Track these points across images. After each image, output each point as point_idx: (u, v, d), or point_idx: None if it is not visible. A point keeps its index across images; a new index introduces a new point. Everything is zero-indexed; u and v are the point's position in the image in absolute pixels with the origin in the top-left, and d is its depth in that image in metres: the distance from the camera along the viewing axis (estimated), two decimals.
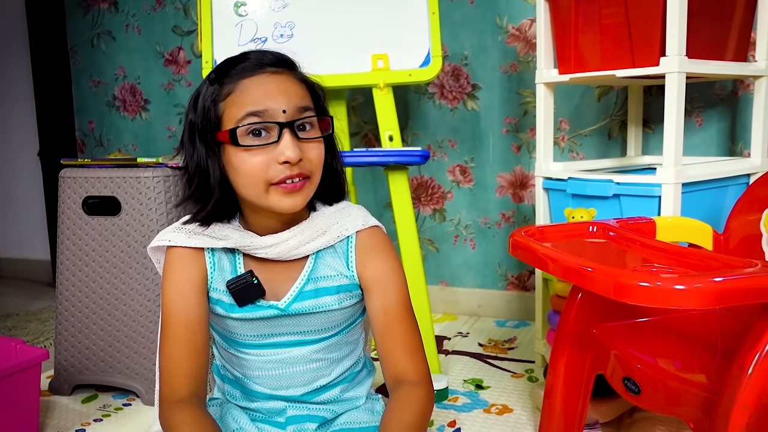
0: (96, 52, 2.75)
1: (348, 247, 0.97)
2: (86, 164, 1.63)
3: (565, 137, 2.07)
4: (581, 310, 1.21)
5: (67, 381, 1.65)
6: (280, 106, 0.85)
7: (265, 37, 1.74)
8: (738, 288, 0.85)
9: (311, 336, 0.96)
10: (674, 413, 1.00)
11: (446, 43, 2.12)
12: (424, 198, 2.27)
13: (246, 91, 0.87)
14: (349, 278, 0.96)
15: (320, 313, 0.95)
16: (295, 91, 0.88)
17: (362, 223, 0.98)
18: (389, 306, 0.95)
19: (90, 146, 2.84)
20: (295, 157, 0.84)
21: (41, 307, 2.56)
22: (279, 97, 0.86)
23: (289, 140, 0.85)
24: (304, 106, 0.88)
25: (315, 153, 0.88)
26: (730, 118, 1.86)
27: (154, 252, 0.99)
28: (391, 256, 0.98)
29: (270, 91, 0.86)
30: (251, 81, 0.87)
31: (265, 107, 0.85)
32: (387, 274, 0.96)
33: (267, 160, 0.85)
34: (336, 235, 0.95)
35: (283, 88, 0.87)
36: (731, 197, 1.49)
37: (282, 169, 0.85)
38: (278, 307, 0.93)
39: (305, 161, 0.87)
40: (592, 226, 1.24)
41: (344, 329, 0.99)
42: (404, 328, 0.95)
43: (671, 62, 1.33)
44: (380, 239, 0.98)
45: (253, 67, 0.88)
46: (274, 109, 0.85)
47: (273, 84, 0.87)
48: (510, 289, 2.21)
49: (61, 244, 1.63)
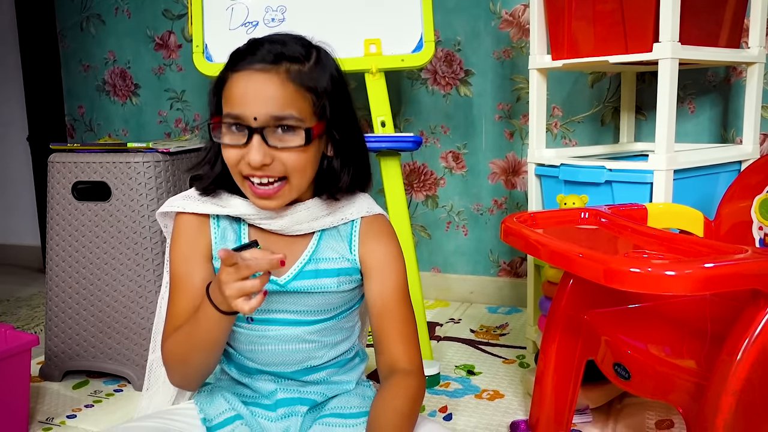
0: (85, 36, 2.72)
1: (352, 231, 0.98)
2: (76, 149, 1.62)
3: (557, 124, 2.06)
4: (572, 296, 1.21)
5: (58, 367, 1.64)
6: (251, 112, 0.85)
7: (256, 21, 1.73)
8: (728, 274, 0.85)
9: (307, 317, 0.96)
10: (664, 398, 1.01)
11: (439, 28, 2.11)
12: (417, 184, 2.27)
13: (231, 87, 0.87)
14: (350, 262, 0.97)
15: (318, 294, 0.95)
16: (275, 95, 0.85)
17: (367, 209, 0.99)
18: (387, 292, 0.96)
19: (80, 131, 2.82)
20: (256, 163, 0.85)
21: (31, 293, 2.55)
22: (252, 103, 0.85)
23: (256, 145, 0.85)
24: (280, 115, 0.85)
25: (290, 158, 0.87)
26: (722, 105, 1.86)
27: (162, 217, 1.01)
28: (393, 244, 0.99)
29: (246, 94, 0.85)
30: (236, 77, 0.87)
31: (239, 111, 0.86)
32: (388, 260, 0.97)
33: (240, 155, 0.87)
34: (340, 218, 0.97)
35: (261, 93, 0.85)
36: (723, 184, 1.50)
37: (249, 168, 0.87)
38: (278, 283, 0.94)
39: (277, 164, 0.87)
40: (584, 213, 1.24)
41: (340, 314, 0.99)
42: (400, 315, 0.96)
43: (664, 48, 1.33)
44: (384, 226, 1.00)
45: (247, 62, 0.87)
46: (246, 113, 0.85)
47: (252, 86, 0.85)
48: (502, 275, 2.22)
49: (51, 229, 1.62)
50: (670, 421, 1.33)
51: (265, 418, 0.97)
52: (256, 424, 0.96)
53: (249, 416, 0.96)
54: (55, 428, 1.42)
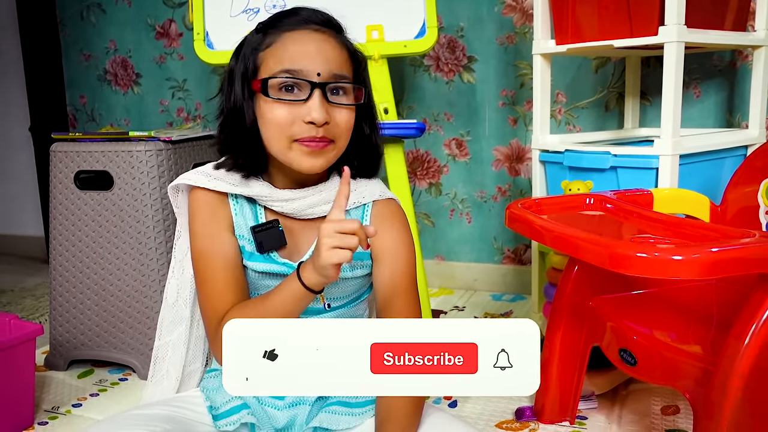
0: (86, 25, 2.70)
1: (363, 215, 0.97)
2: (78, 138, 1.61)
3: (561, 110, 2.05)
4: (577, 282, 1.21)
5: (63, 356, 1.64)
6: (315, 67, 0.85)
7: (257, 8, 1.71)
8: (735, 258, 0.85)
9: (319, 304, 0.96)
10: (670, 384, 1.01)
11: (441, 14, 2.09)
12: (420, 172, 2.26)
13: (286, 45, 0.87)
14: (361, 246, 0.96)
15: None
16: (334, 55, 0.87)
17: (380, 193, 0.98)
18: (395, 277, 0.95)
19: (82, 121, 2.81)
20: (320, 119, 0.84)
21: (36, 283, 2.55)
22: (317, 58, 0.86)
23: (318, 101, 0.84)
24: (340, 73, 0.87)
25: (343, 119, 0.88)
26: (728, 89, 1.84)
27: (174, 192, 0.99)
28: (404, 230, 0.98)
29: (308, 50, 0.86)
30: (293, 36, 0.87)
31: (300, 66, 0.85)
32: (398, 246, 0.96)
33: (293, 116, 0.85)
34: (353, 201, 0.95)
35: (322, 50, 0.86)
36: (729, 169, 1.49)
37: (307, 128, 0.85)
38: (292, 266, 0.93)
39: (332, 125, 0.87)
40: (589, 198, 1.24)
41: (352, 301, 0.99)
42: (407, 301, 0.95)
43: (670, 31, 1.31)
44: (395, 211, 0.99)
45: (299, 22, 0.88)
46: (309, 69, 0.85)
47: (313, 43, 0.86)
48: (506, 262, 2.21)
49: (54, 219, 1.61)
50: (675, 407, 1.33)
51: (272, 406, 0.97)
52: (263, 413, 0.96)
53: (256, 405, 0.96)
54: (60, 417, 1.42)
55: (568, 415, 1.27)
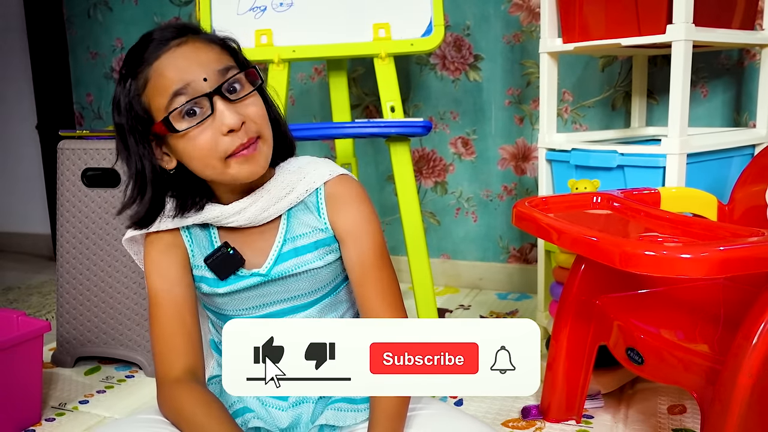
0: (93, 23, 2.71)
1: (318, 199, 0.93)
2: (85, 136, 1.62)
3: (568, 108, 2.05)
4: (584, 281, 1.20)
5: (70, 353, 1.65)
6: (198, 75, 0.81)
7: (264, 6, 1.71)
8: (744, 257, 0.85)
9: (302, 300, 0.94)
10: (678, 383, 1.00)
11: (448, 12, 2.09)
12: (426, 170, 2.26)
13: (160, 73, 0.82)
14: (324, 231, 0.93)
15: (304, 274, 0.92)
16: (207, 55, 0.83)
17: (329, 173, 0.93)
18: (364, 256, 0.91)
19: (88, 119, 2.82)
20: (235, 124, 0.81)
21: (42, 281, 2.56)
22: (193, 67, 0.81)
23: (224, 108, 0.81)
24: (223, 67, 0.82)
25: (255, 110, 0.84)
26: (735, 88, 1.84)
27: (130, 245, 0.96)
28: (362, 204, 0.93)
29: (182, 64, 0.81)
30: (161, 62, 0.82)
31: (185, 83, 0.80)
32: (358, 223, 0.92)
33: (212, 136, 0.82)
34: (304, 190, 0.92)
35: (194, 57, 0.82)
36: (736, 168, 1.48)
37: (230, 140, 0.82)
38: (260, 274, 0.91)
39: (248, 123, 0.83)
40: (597, 197, 1.23)
41: (334, 289, 0.97)
42: (382, 278, 0.91)
43: (678, 30, 1.31)
44: (349, 187, 0.94)
45: (157, 47, 0.83)
46: (194, 80, 0.81)
47: (182, 56, 0.82)
48: (511, 261, 2.21)
49: (61, 216, 1.62)
50: (682, 406, 1.33)
51: (276, 407, 0.96)
52: (267, 414, 0.95)
53: (259, 407, 0.96)
54: (67, 413, 1.43)
55: (574, 413, 1.27)
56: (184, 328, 0.90)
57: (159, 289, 0.91)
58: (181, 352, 0.89)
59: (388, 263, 0.93)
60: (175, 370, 0.88)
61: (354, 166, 1.92)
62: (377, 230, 0.93)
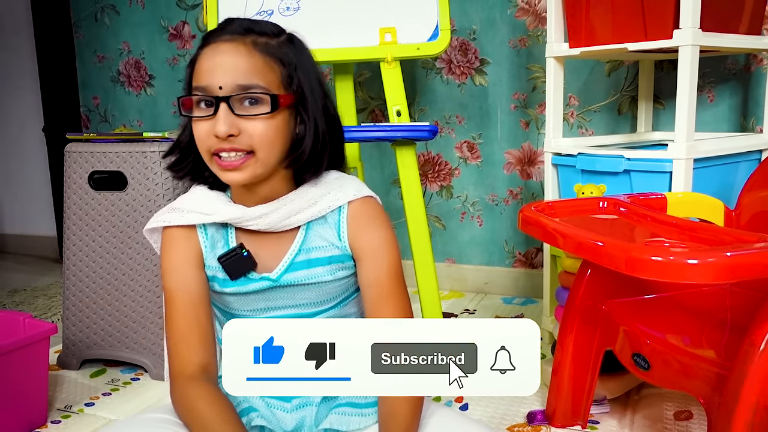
0: (100, 27, 2.72)
1: (339, 217, 0.95)
2: (92, 139, 1.62)
3: (574, 113, 2.05)
4: (590, 286, 1.20)
5: (76, 355, 1.65)
6: (217, 81, 0.85)
7: (271, 10, 1.72)
8: (751, 262, 0.84)
9: (307, 309, 0.95)
10: (684, 389, 1.00)
11: (454, 17, 2.09)
12: (431, 174, 2.26)
13: (199, 61, 0.87)
14: (340, 249, 0.94)
15: (313, 285, 0.94)
16: (241, 64, 0.85)
17: (354, 193, 0.95)
18: (381, 278, 0.93)
19: (95, 122, 2.83)
20: (222, 132, 0.84)
21: (48, 283, 2.57)
22: (218, 72, 0.85)
23: (223, 115, 0.84)
24: (247, 83, 0.85)
25: (257, 129, 0.85)
26: (742, 93, 1.83)
27: (150, 234, 0.99)
28: (383, 227, 0.95)
29: (213, 65, 0.86)
30: (205, 51, 0.87)
31: (206, 82, 0.85)
32: (378, 245, 0.94)
33: (207, 131, 0.86)
34: (327, 206, 0.93)
35: (226, 62, 0.85)
36: (743, 173, 1.48)
37: (216, 142, 0.85)
38: (270, 279, 0.93)
39: (244, 136, 0.85)
40: (603, 202, 1.23)
41: (340, 303, 0.98)
42: (395, 300, 0.93)
43: (685, 35, 1.31)
44: (373, 209, 0.96)
45: (212, 36, 0.88)
46: (212, 83, 0.85)
47: (219, 57, 0.86)
48: (517, 266, 2.21)
49: (68, 219, 1.62)
50: (688, 412, 1.32)
51: (280, 409, 0.96)
52: (272, 415, 0.96)
53: (264, 408, 0.96)
54: (73, 416, 1.43)
55: (580, 419, 1.27)
56: (198, 324, 0.91)
57: (174, 285, 0.93)
58: (195, 349, 0.91)
59: (403, 286, 0.95)
60: (190, 366, 0.89)
61: (360, 169, 1.93)
62: (396, 254, 0.95)
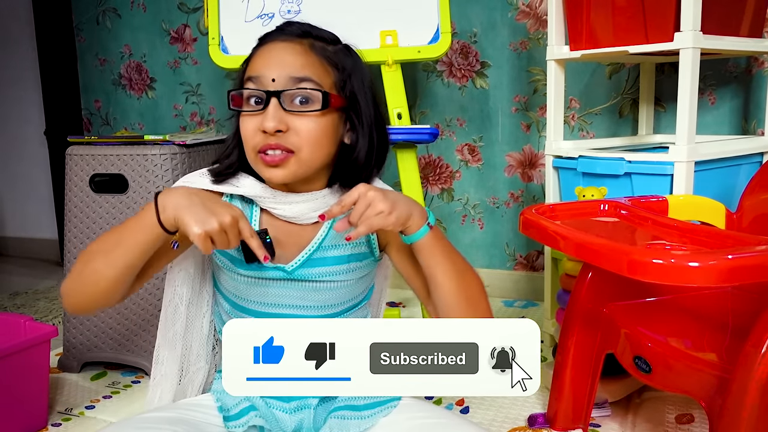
0: (101, 30, 2.73)
1: None
2: (93, 141, 1.62)
3: (575, 116, 2.05)
4: (591, 289, 1.20)
5: (76, 358, 1.65)
6: (270, 74, 0.85)
7: (272, 13, 1.72)
8: (752, 265, 0.84)
9: (313, 312, 0.95)
10: (685, 392, 1.00)
11: (455, 20, 2.09)
12: (432, 177, 2.26)
13: (254, 57, 0.89)
14: (366, 246, 0.96)
15: (325, 284, 0.94)
16: (295, 60, 0.86)
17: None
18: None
19: (96, 125, 2.83)
20: (271, 128, 0.83)
21: (49, 286, 2.57)
22: (272, 65, 0.86)
23: (272, 110, 0.84)
24: (300, 77, 0.85)
25: (305, 127, 0.85)
26: (743, 96, 1.83)
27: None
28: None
29: (268, 58, 0.87)
30: (261, 48, 0.89)
31: (258, 74, 0.86)
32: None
33: (255, 127, 0.86)
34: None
35: (281, 57, 0.86)
36: (744, 176, 1.48)
37: (263, 137, 0.85)
38: (285, 270, 0.92)
39: (290, 134, 0.85)
40: (604, 204, 1.23)
41: (348, 309, 0.98)
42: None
43: (686, 38, 1.31)
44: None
45: (269, 36, 0.90)
46: (265, 76, 0.85)
47: (274, 52, 0.87)
48: (518, 269, 2.21)
49: (69, 222, 1.62)
50: (690, 416, 1.32)
51: (280, 409, 0.96)
52: (272, 415, 0.96)
53: (264, 408, 0.96)
54: (74, 419, 1.43)
55: (581, 422, 1.26)
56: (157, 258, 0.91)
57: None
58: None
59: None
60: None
61: None
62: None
